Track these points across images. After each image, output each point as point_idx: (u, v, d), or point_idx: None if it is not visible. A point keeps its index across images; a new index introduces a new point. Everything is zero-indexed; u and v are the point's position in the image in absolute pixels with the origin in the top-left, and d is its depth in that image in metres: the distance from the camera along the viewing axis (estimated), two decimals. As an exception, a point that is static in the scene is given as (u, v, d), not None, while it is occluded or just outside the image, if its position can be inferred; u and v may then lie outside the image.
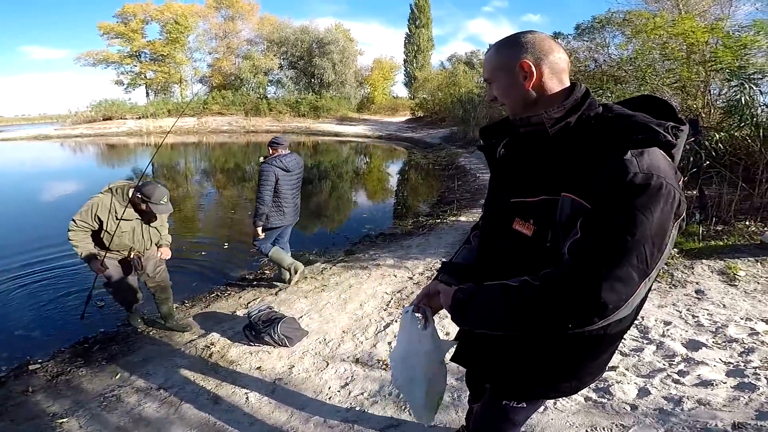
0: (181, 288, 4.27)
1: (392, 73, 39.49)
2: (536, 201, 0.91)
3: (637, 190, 0.76)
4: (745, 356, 2.54)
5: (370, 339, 3.04)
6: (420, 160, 15.26)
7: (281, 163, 3.74)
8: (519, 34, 0.96)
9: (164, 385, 2.60)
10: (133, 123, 29.80)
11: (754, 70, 5.65)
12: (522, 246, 0.94)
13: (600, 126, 0.88)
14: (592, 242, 0.80)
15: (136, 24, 34.75)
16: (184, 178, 13.73)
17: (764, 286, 3.41)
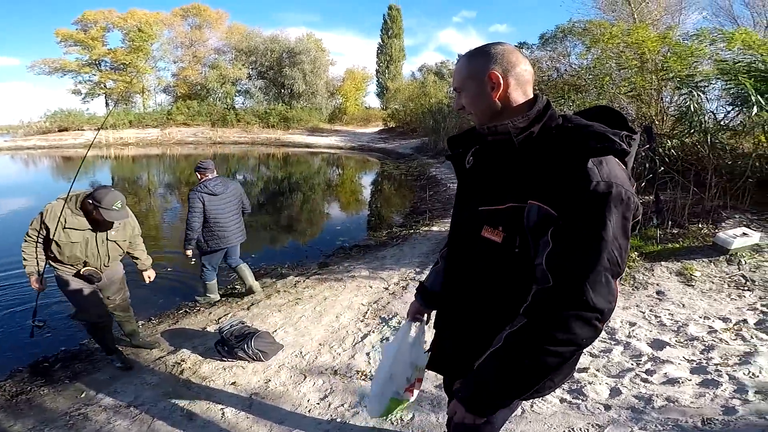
0: (147, 304, 4.13)
1: (364, 83, 39.49)
2: (504, 208, 0.94)
3: (601, 199, 0.83)
4: (706, 354, 2.68)
5: (347, 350, 3.02)
6: (392, 171, 15.37)
7: (206, 188, 3.85)
8: (489, 46, 1.00)
9: (134, 403, 2.51)
10: (91, 134, 28.46)
11: (700, 78, 5.98)
12: (492, 252, 0.97)
13: (561, 135, 0.93)
14: (567, 252, 0.84)
15: (97, 31, 33.36)
16: (147, 191, 13.25)
17: (718, 286, 3.63)
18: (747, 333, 2.88)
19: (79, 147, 25.92)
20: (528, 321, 0.88)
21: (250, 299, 4.08)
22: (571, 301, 0.84)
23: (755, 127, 5.94)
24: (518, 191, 0.92)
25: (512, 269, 0.95)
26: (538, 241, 0.90)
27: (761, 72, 5.34)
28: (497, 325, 1.01)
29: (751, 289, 3.50)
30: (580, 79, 8.78)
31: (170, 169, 19.14)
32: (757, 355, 2.60)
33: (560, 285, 0.85)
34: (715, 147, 5.56)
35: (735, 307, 3.27)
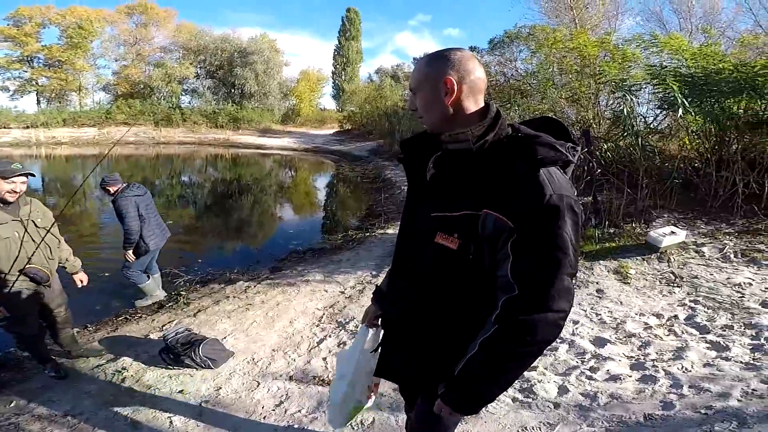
0: (83, 311, 3.85)
1: (320, 85, 39.31)
2: (459, 216, 0.97)
3: (555, 211, 0.88)
4: (643, 350, 2.85)
5: (303, 356, 2.97)
6: (348, 173, 15.31)
7: (132, 191, 4.02)
8: (449, 51, 1.01)
9: (72, 412, 2.36)
10: (20, 132, 26.15)
11: (633, 82, 6.37)
12: (446, 259, 0.99)
13: (512, 145, 0.97)
14: (531, 263, 0.90)
15: (32, 27, 31.02)
16: (82, 193, 12.30)
17: (651, 283, 3.91)
18: (678, 328, 3.09)
19: (5, 145, 23.75)
20: (500, 327, 0.94)
21: (197, 305, 3.92)
22: (538, 307, 0.91)
23: (680, 130, 6.48)
24: (473, 199, 0.95)
25: (466, 275, 0.98)
26: (496, 251, 0.94)
27: (685, 76, 5.78)
28: (452, 331, 1.04)
29: (680, 285, 3.79)
30: (526, 84, 9.10)
31: (108, 169, 17.88)
32: (688, 350, 2.78)
33: (527, 293, 0.91)
34: (645, 150, 5.99)
35: (667, 303, 3.51)
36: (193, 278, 4.88)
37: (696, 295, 3.58)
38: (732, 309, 3.31)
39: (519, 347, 0.93)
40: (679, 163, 6.17)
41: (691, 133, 6.24)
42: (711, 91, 5.45)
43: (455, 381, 1.02)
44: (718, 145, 5.96)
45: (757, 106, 5.46)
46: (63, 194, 11.68)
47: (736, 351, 2.74)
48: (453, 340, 1.05)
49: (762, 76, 5.09)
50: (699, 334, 3.01)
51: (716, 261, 4.17)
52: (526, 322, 0.91)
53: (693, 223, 5.15)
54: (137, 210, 4.00)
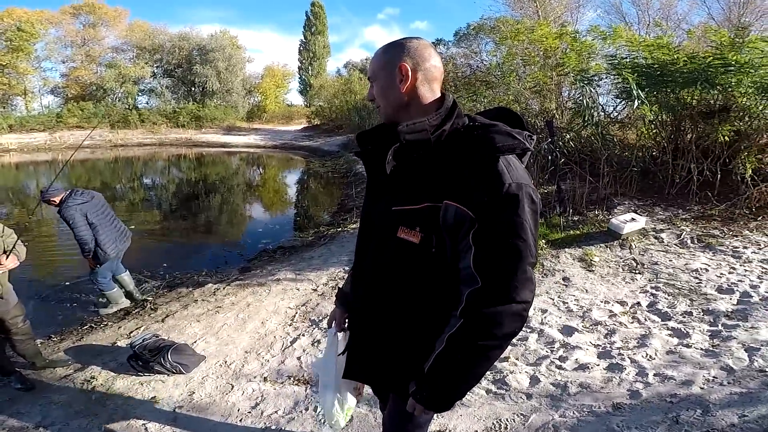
0: (46, 322, 3.79)
1: (285, 80, 38.40)
2: (420, 208, 0.96)
3: (515, 200, 0.89)
4: (609, 338, 2.93)
5: (276, 356, 2.93)
6: (318, 169, 15.13)
7: (78, 198, 3.86)
8: (405, 39, 1.02)
9: (43, 423, 2.29)
10: (-43, 141, 24.33)
11: (593, 73, 6.57)
12: (409, 253, 0.98)
13: (469, 135, 0.96)
14: (493, 254, 0.90)
15: None
16: (36, 201, 11.59)
17: (614, 270, 4.05)
18: (641, 315, 3.20)
19: (-58, 154, 22.04)
20: (465, 321, 0.94)
21: (165, 310, 3.81)
22: (502, 298, 0.91)
23: (638, 120, 6.71)
24: (434, 191, 0.94)
25: (430, 269, 0.98)
26: (457, 242, 0.94)
27: (643, 68, 5.99)
28: (418, 327, 1.03)
29: (642, 272, 3.93)
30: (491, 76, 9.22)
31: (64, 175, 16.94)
32: (651, 337, 2.89)
33: (490, 285, 0.91)
34: (606, 139, 6.20)
35: (629, 290, 3.63)
36: (160, 283, 4.76)
37: (657, 282, 3.72)
38: (690, 295, 3.45)
39: (485, 340, 0.93)
40: (638, 152, 6.41)
41: (649, 123, 6.49)
42: (666, 82, 5.67)
43: (425, 379, 1.01)
44: (673, 135, 6.22)
45: (709, 96, 5.70)
46: (15, 203, 10.97)
47: (696, 338, 2.85)
48: (420, 336, 1.04)
49: (713, 68, 5.31)
50: (661, 321, 3.11)
51: (674, 247, 4.37)
52: (491, 315, 0.91)
53: (652, 209, 5.39)
54: (85, 218, 3.85)
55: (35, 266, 5.33)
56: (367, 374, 1.19)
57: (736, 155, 5.59)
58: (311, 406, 2.36)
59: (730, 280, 3.63)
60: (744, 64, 5.11)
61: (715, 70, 5.30)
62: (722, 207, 5.15)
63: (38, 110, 31.56)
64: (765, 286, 3.47)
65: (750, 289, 3.43)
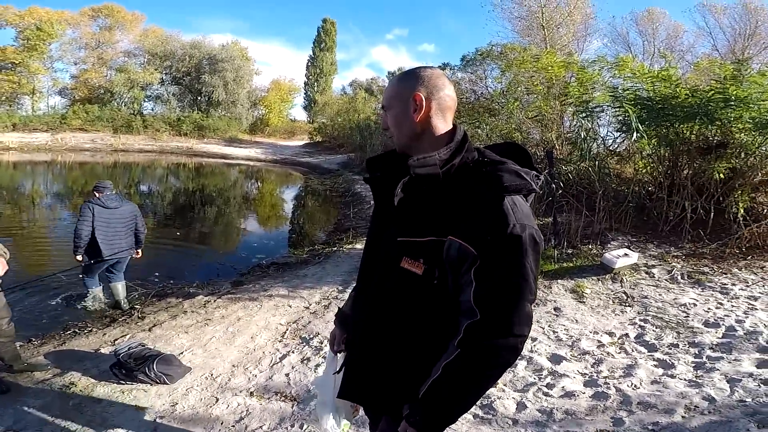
0: (27, 324, 3.70)
1: (291, 95, 38.76)
2: (424, 241, 0.96)
3: (518, 241, 0.90)
4: (596, 367, 2.96)
5: (264, 371, 2.90)
6: (317, 186, 15.20)
7: (99, 201, 4.14)
8: (419, 68, 1.03)
9: (14, 427, 2.25)
10: (-40, 137, 24.35)
11: (595, 104, 6.60)
12: (411, 284, 0.99)
13: (478, 171, 0.98)
14: (494, 290, 0.92)
15: None
16: (30, 201, 11.57)
17: (605, 302, 4.08)
18: (629, 346, 3.24)
19: (-57, 149, 22.00)
20: (462, 351, 0.95)
21: (152, 320, 3.78)
22: (499, 332, 0.93)
23: (635, 153, 6.69)
24: (439, 225, 0.95)
25: (431, 300, 0.99)
26: (459, 276, 0.95)
27: (645, 100, 6.01)
28: (416, 354, 1.05)
29: (631, 305, 3.97)
30: (494, 103, 9.28)
31: (60, 177, 16.94)
32: (637, 367, 2.92)
33: (488, 318, 0.92)
34: (603, 173, 6.23)
35: (618, 322, 3.67)
36: (149, 291, 4.71)
37: (645, 315, 3.77)
38: (678, 328, 3.50)
39: (480, 371, 0.95)
40: (634, 186, 6.42)
41: (646, 157, 6.51)
42: (667, 115, 5.70)
43: (419, 403, 1.02)
44: (670, 170, 6.25)
45: (708, 132, 5.72)
46: (8, 201, 10.93)
47: (681, 368, 2.89)
48: (416, 362, 1.05)
49: (714, 102, 5.34)
50: (647, 352, 3.16)
51: (665, 282, 4.42)
52: (488, 347, 0.93)
53: (645, 246, 5.44)
54: (92, 216, 4.08)
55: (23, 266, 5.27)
56: (363, 395, 1.19)
57: (730, 193, 5.63)
58: (297, 423, 2.34)
59: (717, 315, 3.69)
60: (744, 98, 5.15)
61: (716, 104, 5.32)
62: (713, 246, 5.19)
63: (44, 110, 31.67)
64: (750, 321, 3.53)
65: (735, 324, 3.49)
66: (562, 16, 14.07)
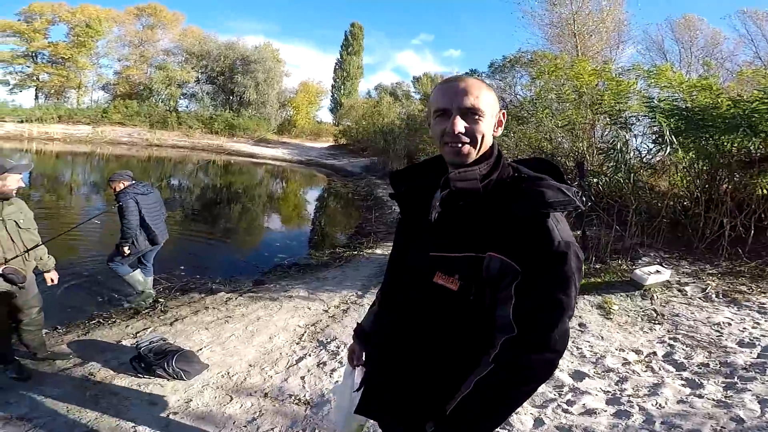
0: (54, 312, 3.71)
1: (318, 97, 39.25)
2: (462, 257, 0.94)
3: (562, 258, 0.89)
4: (620, 385, 2.84)
5: (280, 373, 2.90)
6: (340, 189, 15.32)
7: (135, 189, 4.10)
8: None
9: (28, 416, 2.27)
10: (13, 126, 25.90)
11: (630, 114, 6.38)
12: (445, 299, 0.96)
13: (516, 187, 0.96)
14: (535, 306, 0.90)
15: (41, 24, 31.31)
16: (68, 189, 12.13)
17: (633, 319, 3.92)
18: (656, 365, 3.11)
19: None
20: (496, 367, 0.92)
21: (174, 314, 3.84)
22: (538, 348, 0.91)
23: (671, 166, 6.37)
24: (478, 241, 0.93)
25: (464, 315, 0.96)
26: (497, 291, 0.93)
27: (682, 110, 5.70)
28: (445, 369, 1.02)
29: (661, 323, 3.80)
30: (523, 111, 9.08)
31: (97, 168, 17.70)
32: (664, 386, 2.79)
33: (527, 334, 0.90)
34: (637, 186, 5.97)
35: (647, 340, 3.52)
36: (174, 285, 4.78)
37: (676, 333, 3.61)
38: (709, 347, 3.34)
39: (515, 386, 0.93)
40: (669, 201, 6.15)
41: (682, 170, 6.21)
42: (706, 127, 5.41)
43: (448, 420, 0.99)
44: (708, 184, 5.94)
45: (751, 145, 5.38)
46: (48, 190, 11.48)
47: (710, 388, 2.76)
48: (445, 378, 1.02)
49: (758, 113, 5.05)
50: (675, 371, 3.03)
51: (698, 300, 4.22)
52: (525, 363, 0.91)
53: (678, 263, 5.20)
54: (137, 207, 4.06)
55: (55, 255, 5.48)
56: (382, 412, 1.16)
57: (773, 210, 5.29)
58: (309, 428, 2.33)
59: (752, 335, 3.51)
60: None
61: (760, 115, 5.04)
62: (753, 264, 4.91)
63: (87, 104, 33.38)
64: (789, 342, 3.33)
65: (772, 344, 3.31)
66: (595, 23, 13.71)
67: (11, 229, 2.52)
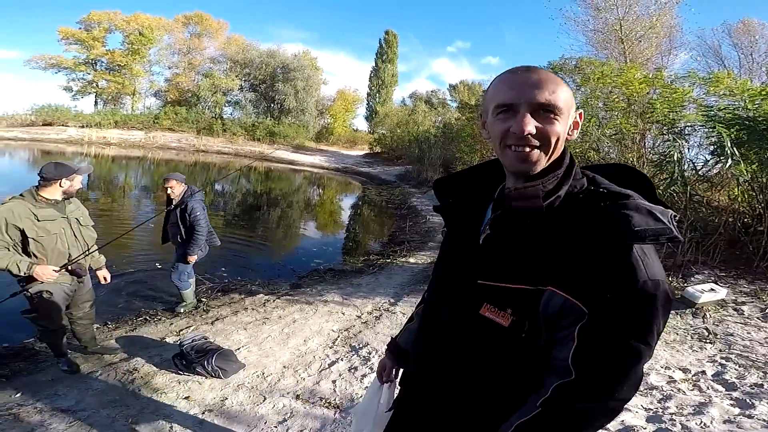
0: (104, 307, 3.93)
1: (354, 105, 39.60)
2: (515, 289, 0.78)
3: (648, 302, 0.70)
4: (663, 403, 2.70)
5: (313, 376, 2.95)
6: (374, 197, 15.40)
7: (198, 194, 3.94)
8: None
9: (74, 408, 2.39)
10: (75, 131, 27.90)
11: (685, 123, 5.99)
12: (492, 335, 0.80)
13: (592, 205, 0.77)
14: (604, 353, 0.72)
15: (99, 32, 33.43)
16: (122, 191, 12.90)
17: (682, 337, 3.69)
18: (704, 384, 2.94)
19: (61, 142, 25.35)
20: (543, 412, 0.77)
21: (216, 314, 3.98)
22: (600, 397, 0.74)
23: (731, 180, 5.92)
24: (536, 271, 0.76)
25: (513, 353, 0.81)
26: (555, 330, 0.76)
27: (744, 120, 5.30)
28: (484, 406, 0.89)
29: (713, 342, 3.58)
30: None
31: (148, 172, 18.75)
32: (710, 405, 2.64)
33: (588, 381, 0.74)
34: (692, 199, 5.61)
35: (695, 359, 3.33)
36: (215, 286, 4.94)
37: (728, 353, 3.40)
38: (765, 368, 3.12)
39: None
40: (728, 217, 5.73)
41: (743, 183, 5.76)
42: None
43: None
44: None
45: None
46: (104, 192, 12.26)
47: (762, 409, 2.58)
48: (485, 414, 0.88)
49: None
50: (725, 390, 2.86)
51: (755, 320, 3.95)
52: (582, 411, 0.75)
53: (735, 282, 4.86)
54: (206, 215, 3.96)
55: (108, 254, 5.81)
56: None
57: None
58: (337, 431, 2.35)
59: None
60: None
61: None
62: (822, 287, 4.51)
63: (141, 110, 35.18)
64: None
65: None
66: (644, 28, 13.11)
67: (74, 226, 2.68)
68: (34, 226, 2.47)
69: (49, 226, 2.52)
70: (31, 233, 2.45)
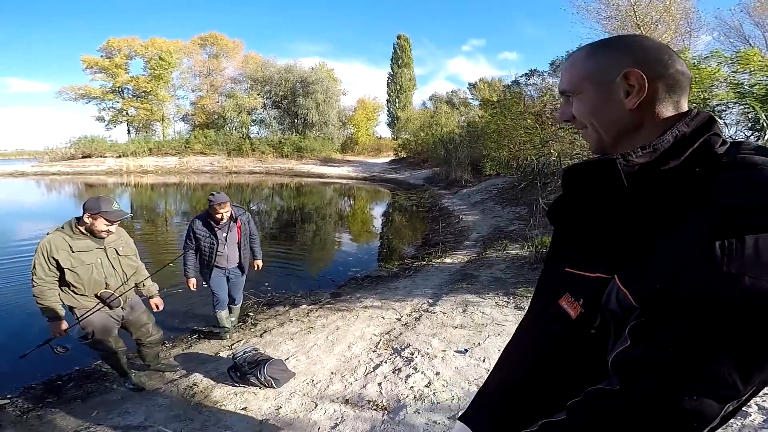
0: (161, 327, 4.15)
1: (375, 113, 39.59)
2: (591, 277, 0.69)
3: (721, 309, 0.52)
4: None
5: (359, 380, 3.01)
6: (404, 202, 15.44)
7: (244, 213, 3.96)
8: (624, 36, 0.73)
9: (144, 424, 2.54)
10: (113, 161, 29.23)
11: (717, 102, 5.83)
12: (561, 327, 0.72)
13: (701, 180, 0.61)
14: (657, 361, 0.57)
15: (120, 59, 34.12)
16: (164, 219, 13.61)
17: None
18: None
19: (101, 174, 26.70)
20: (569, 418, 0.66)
21: (263, 326, 4.14)
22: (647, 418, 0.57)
23: None
24: (612, 257, 0.66)
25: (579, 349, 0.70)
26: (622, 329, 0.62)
27: None
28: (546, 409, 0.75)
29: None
30: None
31: (186, 197, 19.60)
32: None
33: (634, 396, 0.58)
34: None
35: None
36: (261, 300, 5.14)
37: None
38: None
39: None
40: None
41: None
42: None
43: None
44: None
45: None
46: (147, 219, 12.96)
47: None
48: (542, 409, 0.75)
49: None
50: None
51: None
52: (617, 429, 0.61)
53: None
54: None
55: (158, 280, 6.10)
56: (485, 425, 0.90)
57: None
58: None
59: None
60: None
61: None
62: None
63: (171, 136, 35.81)
64: None
65: None
66: (658, 12, 12.75)
67: (111, 256, 2.76)
68: (69, 257, 2.56)
69: (84, 256, 2.60)
70: (66, 264, 2.55)
